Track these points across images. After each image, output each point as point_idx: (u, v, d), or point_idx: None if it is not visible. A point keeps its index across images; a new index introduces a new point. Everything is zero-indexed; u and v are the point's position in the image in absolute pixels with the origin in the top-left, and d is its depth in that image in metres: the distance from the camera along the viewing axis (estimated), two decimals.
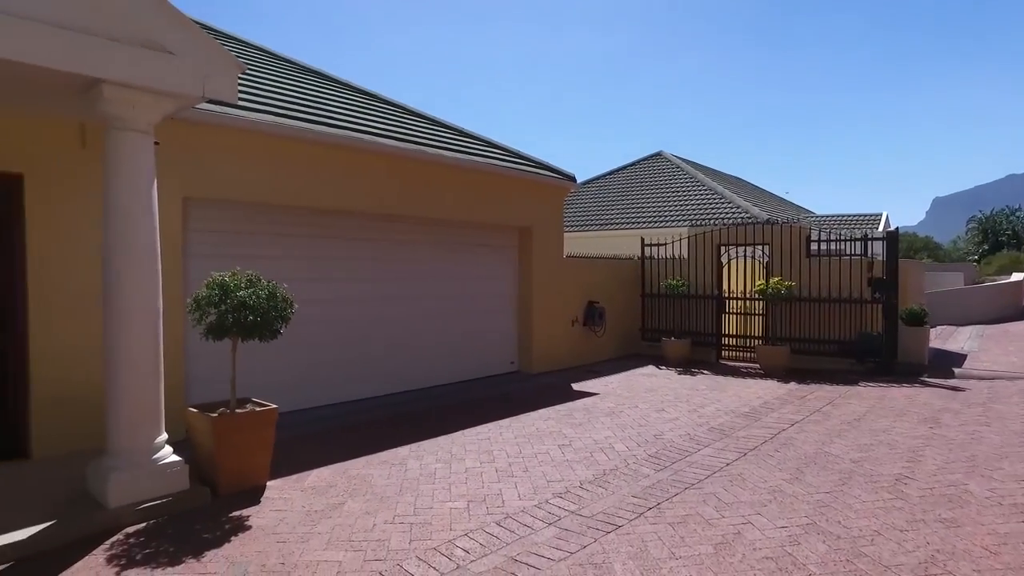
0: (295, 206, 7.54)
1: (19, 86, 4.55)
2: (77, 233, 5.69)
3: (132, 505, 4.47)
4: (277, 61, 10.55)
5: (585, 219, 19.57)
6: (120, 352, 4.60)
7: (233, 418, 5.05)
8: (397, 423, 7.33)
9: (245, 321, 4.92)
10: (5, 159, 5.41)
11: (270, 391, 7.05)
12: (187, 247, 6.64)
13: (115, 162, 4.58)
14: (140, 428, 4.66)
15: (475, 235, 10.06)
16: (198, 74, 4.70)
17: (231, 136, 6.77)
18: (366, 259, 8.49)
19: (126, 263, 4.60)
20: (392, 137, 8.57)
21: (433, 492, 5.12)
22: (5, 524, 4.17)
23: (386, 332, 8.72)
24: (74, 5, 4.14)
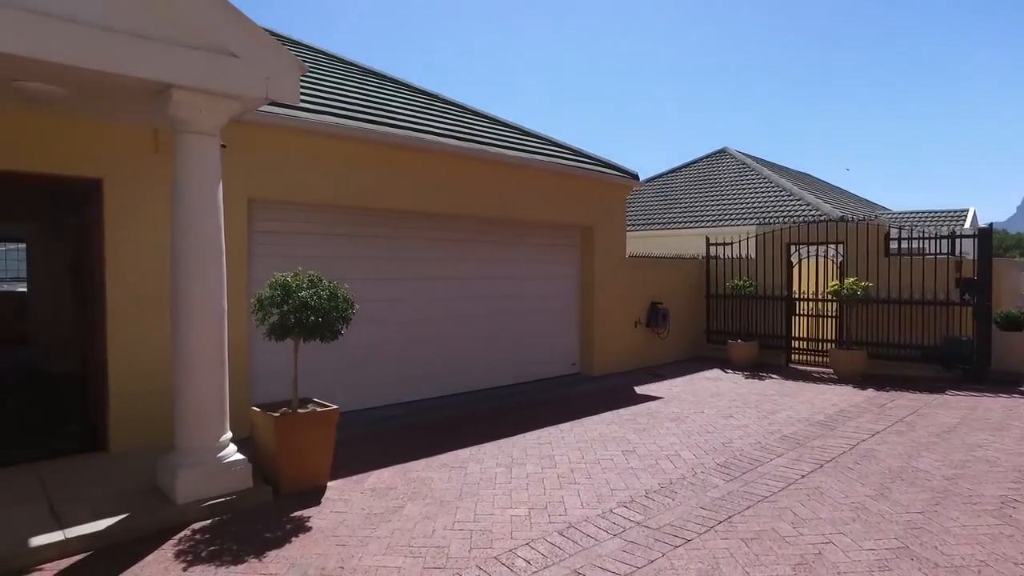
0: (357, 207, 7.59)
1: (98, 93, 4.69)
2: (150, 235, 5.86)
3: (198, 502, 4.54)
4: (339, 63, 10.70)
5: (648, 218, 19.14)
6: (186, 351, 4.68)
7: (295, 418, 5.08)
8: (458, 425, 7.26)
9: (306, 322, 4.93)
10: (87, 165, 5.61)
11: (332, 390, 7.13)
12: (251, 247, 6.76)
13: (183, 164, 4.67)
14: (205, 426, 4.73)
15: (536, 234, 9.93)
16: (261, 76, 4.74)
17: (295, 138, 6.86)
18: (427, 259, 8.48)
19: (192, 263, 4.68)
20: (453, 136, 8.52)
21: (493, 498, 5.01)
22: (84, 515, 4.31)
23: (447, 332, 8.69)
24: (147, 14, 4.23)
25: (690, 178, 20.92)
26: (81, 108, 5.11)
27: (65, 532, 4.08)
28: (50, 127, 5.39)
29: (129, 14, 4.18)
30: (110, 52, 4.09)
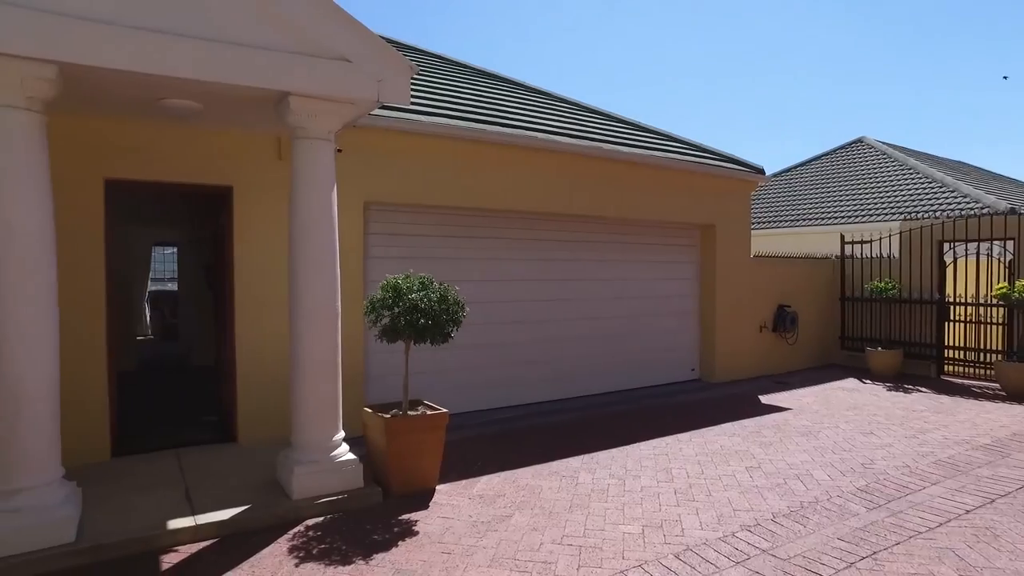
0: (470, 207, 7.58)
1: (227, 106, 4.95)
2: (272, 239, 6.13)
3: (312, 498, 4.65)
4: (450, 65, 10.83)
5: (775, 215, 17.93)
6: (302, 352, 4.81)
7: (404, 420, 5.09)
8: (569, 431, 7.05)
9: (416, 324, 4.93)
10: (219, 174, 5.97)
11: (443, 392, 7.17)
12: (367, 249, 6.92)
13: (299, 169, 4.80)
14: (319, 425, 4.85)
15: (653, 234, 9.50)
16: (373, 79, 4.77)
17: (409, 140, 6.95)
18: (539, 260, 8.33)
19: (307, 265, 4.80)
20: (566, 134, 8.33)
21: (605, 511, 4.75)
22: (213, 503, 4.55)
23: (559, 335, 8.50)
24: (268, 26, 4.38)
25: (821, 171, 19.37)
26: (213, 120, 5.43)
27: (196, 518, 4.31)
28: (188, 140, 5.78)
29: (253, 28, 4.34)
30: (238, 66, 4.27)
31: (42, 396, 3.95)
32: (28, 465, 3.89)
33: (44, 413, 3.96)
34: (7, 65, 3.73)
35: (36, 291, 3.92)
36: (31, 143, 3.93)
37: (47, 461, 4.00)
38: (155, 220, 10.86)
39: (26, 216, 3.89)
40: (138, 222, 10.54)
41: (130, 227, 10.48)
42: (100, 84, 4.35)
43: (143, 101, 4.81)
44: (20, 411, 3.86)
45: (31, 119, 3.93)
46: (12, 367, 3.83)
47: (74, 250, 5.31)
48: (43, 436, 3.96)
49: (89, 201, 5.44)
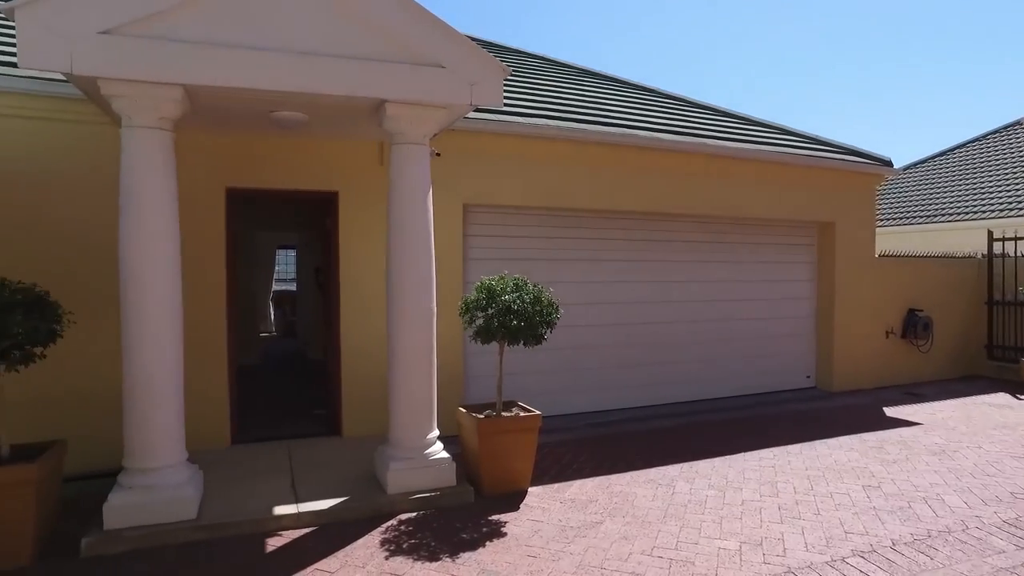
0: (570, 208, 7.52)
1: (330, 115, 5.20)
2: (373, 241, 6.37)
3: (406, 494, 4.78)
4: (550, 65, 10.79)
5: (905, 211, 16.41)
6: (399, 351, 4.96)
7: (497, 421, 5.12)
8: (668, 438, 6.81)
9: (510, 325, 4.94)
10: (326, 180, 6.31)
11: (538, 394, 7.17)
12: (467, 251, 7.04)
13: (396, 173, 4.95)
14: (414, 423, 4.97)
15: (765, 233, 8.98)
16: (466, 83, 4.84)
17: (507, 142, 6.99)
18: (639, 260, 8.12)
19: (403, 266, 4.94)
20: (669, 131, 8.06)
21: (701, 524, 4.53)
22: (315, 493, 4.79)
23: (659, 338, 8.24)
24: (366, 38, 4.56)
25: (964, 161, 17.48)
26: (318, 130, 5.73)
27: (299, 506, 4.56)
28: (298, 150, 6.14)
29: (352, 40, 4.53)
30: (338, 77, 4.48)
31: (169, 386, 4.33)
32: (158, 447, 4.29)
33: (171, 402, 4.35)
34: (143, 91, 4.13)
35: (164, 291, 4.31)
36: (162, 157, 4.32)
37: (174, 445, 4.38)
38: (277, 224, 11.67)
39: (158, 223, 4.28)
40: (262, 226, 11.39)
41: (255, 231, 11.36)
42: (219, 101, 4.71)
43: (256, 115, 5.16)
44: (152, 399, 4.25)
45: (163, 137, 4.33)
46: (144, 359, 4.23)
47: (199, 253, 5.79)
48: (170, 422, 4.34)
49: (212, 208, 5.92)
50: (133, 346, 4.23)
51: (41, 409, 5.19)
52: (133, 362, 4.23)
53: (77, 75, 4.02)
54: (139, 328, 4.23)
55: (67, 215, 5.42)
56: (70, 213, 5.42)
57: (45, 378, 5.03)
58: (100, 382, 5.32)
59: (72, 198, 5.43)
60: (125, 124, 4.25)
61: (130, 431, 4.26)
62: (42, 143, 5.40)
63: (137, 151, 4.23)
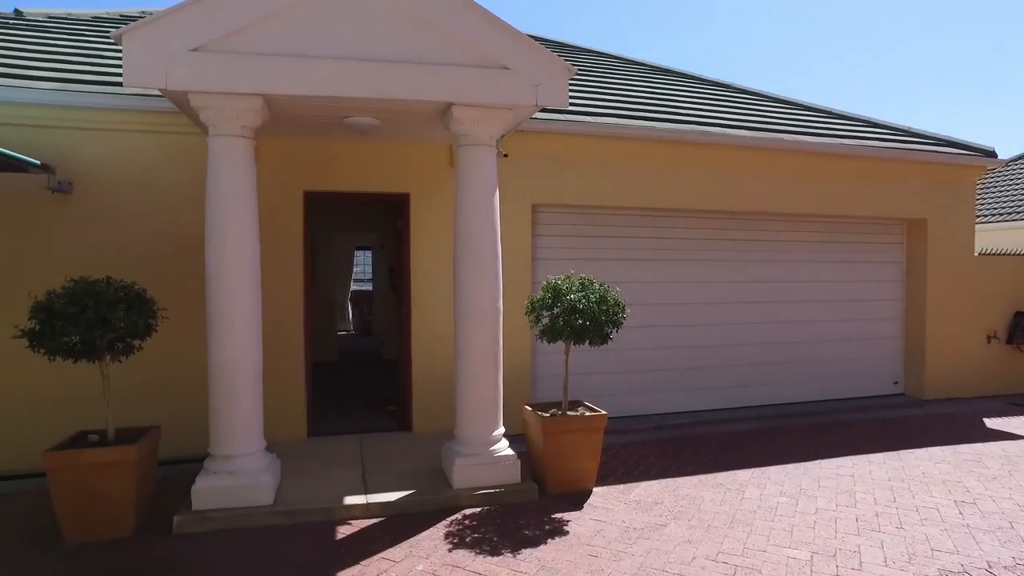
0: (640, 207, 7.43)
1: (399, 119, 5.38)
2: (442, 242, 6.51)
3: (471, 489, 4.87)
4: (617, 62, 10.68)
5: (1012, 206, 15.14)
6: (465, 350, 5.05)
7: (562, 421, 5.13)
8: (741, 442, 6.60)
9: (575, 325, 4.94)
10: (397, 182, 6.51)
11: (607, 394, 7.12)
12: (535, 251, 7.08)
13: (463, 174, 5.06)
14: (480, 420, 5.05)
15: (848, 231, 8.55)
16: (531, 84, 4.88)
17: (575, 142, 6.99)
18: (714, 261, 7.91)
19: (470, 266, 5.03)
20: (744, 127, 7.81)
21: (770, 531, 4.37)
22: (383, 485, 4.97)
23: (731, 339, 8.00)
24: (434, 43, 4.69)
25: None
26: (389, 133, 5.92)
27: (368, 497, 4.73)
28: (371, 154, 6.37)
29: (421, 46, 4.67)
30: (407, 82, 4.63)
31: (248, 381, 4.60)
32: (238, 437, 4.57)
33: (250, 395, 4.62)
34: (226, 102, 4.42)
35: (244, 290, 4.59)
36: (244, 163, 4.61)
37: (253, 435, 4.66)
38: (355, 226, 12.12)
39: (239, 225, 4.56)
40: (341, 228, 11.86)
41: (335, 233, 11.85)
42: (295, 109, 4.96)
43: (330, 121, 5.40)
44: (232, 393, 4.54)
45: (244, 144, 4.61)
46: (225, 355, 4.52)
47: (279, 255, 6.12)
48: (249, 414, 4.62)
49: (291, 211, 6.23)
50: (215, 343, 4.53)
51: (140, 398, 5.63)
52: (215, 357, 4.53)
53: (171, 90, 4.35)
54: (221, 326, 4.52)
55: (164, 218, 5.85)
56: (167, 217, 5.85)
57: (143, 369, 5.46)
58: (192, 373, 5.71)
59: (169, 203, 5.85)
60: (211, 133, 4.55)
61: (214, 421, 4.56)
62: (145, 154, 5.86)
63: (221, 157, 4.53)
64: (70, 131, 5.72)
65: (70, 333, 4.10)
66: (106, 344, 4.36)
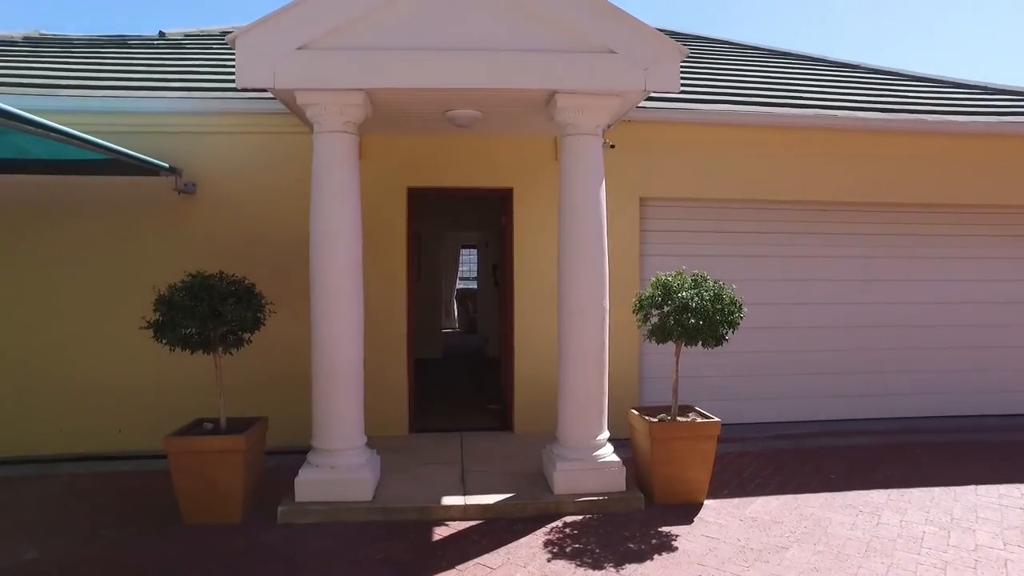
0: (757, 200, 6.87)
1: (500, 109, 5.24)
2: (546, 237, 6.31)
3: (572, 495, 4.63)
4: (730, 47, 10.01)
5: None
6: (569, 349, 4.82)
7: (671, 427, 4.77)
8: (873, 457, 5.92)
9: (686, 324, 4.58)
10: (500, 177, 6.39)
11: (720, 398, 6.64)
12: (643, 247, 6.72)
13: (567, 166, 4.82)
14: (583, 423, 4.80)
15: (1001, 223, 7.48)
16: (639, 68, 4.57)
17: (687, 131, 6.58)
18: (833, 256, 7.17)
19: (575, 262, 4.79)
20: (875, 108, 7.04)
21: (916, 566, 3.81)
22: (482, 486, 4.85)
23: (856, 343, 7.21)
24: (537, 28, 4.50)
25: None
26: (491, 126, 5.80)
27: (466, 499, 4.62)
28: (474, 148, 6.29)
29: (523, 33, 4.51)
30: (510, 71, 4.48)
31: (350, 376, 4.62)
32: (339, 432, 4.60)
33: (351, 391, 4.64)
34: (330, 98, 4.47)
35: (347, 285, 4.61)
36: (347, 159, 4.63)
37: (353, 430, 4.68)
38: (460, 224, 12.19)
39: (342, 221, 4.59)
40: (447, 226, 11.97)
41: (441, 231, 11.99)
42: (397, 103, 4.94)
43: (433, 115, 5.35)
44: (334, 388, 4.57)
45: (348, 140, 4.64)
46: (328, 351, 4.56)
47: (382, 251, 6.17)
48: (350, 409, 4.64)
49: (395, 208, 6.27)
50: (318, 337, 4.59)
51: (253, 389, 5.85)
52: (318, 352, 4.58)
53: (279, 88, 4.44)
54: (323, 321, 4.57)
55: (278, 215, 6.06)
56: (280, 214, 6.05)
57: (256, 361, 5.66)
58: (301, 367, 5.86)
59: (281, 201, 6.05)
60: (316, 130, 4.61)
61: (316, 415, 4.62)
62: (260, 154, 6.11)
63: (325, 153, 4.58)
64: (194, 135, 6.06)
65: (187, 325, 4.28)
66: (219, 336, 4.53)
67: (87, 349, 5.94)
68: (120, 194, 5.98)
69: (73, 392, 5.92)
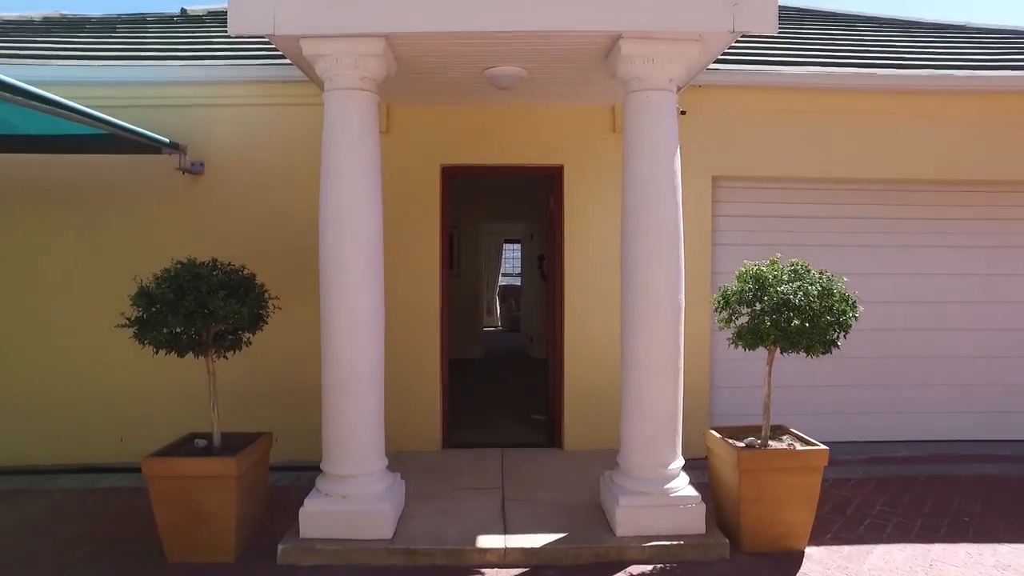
0: (846, 179, 5.79)
1: (550, 66, 4.35)
2: (604, 222, 5.41)
3: (639, 538, 3.70)
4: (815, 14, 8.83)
5: None
6: (634, 355, 3.89)
7: (766, 456, 3.79)
8: (1009, 491, 4.79)
9: (787, 326, 3.61)
10: (547, 152, 5.50)
11: (793, 412, 5.57)
12: (715, 235, 5.73)
13: (633, 130, 3.89)
14: (653, 448, 3.87)
15: None
16: (725, 3, 3.61)
17: (767, 98, 5.56)
18: (950, 247, 5.98)
19: (644, 249, 3.86)
20: (996, 66, 5.87)
21: None
22: (526, 522, 3.98)
23: (980, 349, 6.01)
24: None
25: None
26: (539, 91, 4.94)
27: (507, 539, 3.75)
28: (517, 120, 5.43)
29: None
30: (562, 9, 3.58)
31: (366, 388, 3.81)
32: (354, 454, 3.79)
33: (368, 405, 3.83)
34: (343, 47, 3.67)
35: (363, 275, 3.80)
36: (365, 122, 3.82)
37: (371, 451, 3.86)
38: (502, 215, 11.27)
39: (357, 198, 3.78)
40: (488, 218, 11.10)
41: (481, 222, 11.13)
42: (425, 57, 4.11)
43: (469, 76, 4.49)
44: (349, 400, 3.76)
45: (365, 100, 3.82)
46: (340, 353, 3.76)
47: (411, 239, 5.36)
48: (368, 426, 3.83)
49: (426, 188, 5.42)
50: (328, 339, 3.79)
51: (256, 398, 5.13)
52: (328, 357, 3.78)
53: (280, 36, 3.66)
54: (334, 318, 3.77)
55: (294, 199, 5.31)
56: (297, 197, 5.29)
57: (262, 365, 4.94)
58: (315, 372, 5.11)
59: (299, 182, 5.29)
60: (327, 88, 3.81)
61: (326, 434, 3.82)
62: (275, 129, 5.39)
63: (337, 115, 3.77)
64: (202, 109, 5.37)
65: (171, 323, 3.53)
66: (212, 337, 3.78)
67: (81, 351, 5.31)
68: (119, 176, 5.33)
69: (69, 398, 5.31)
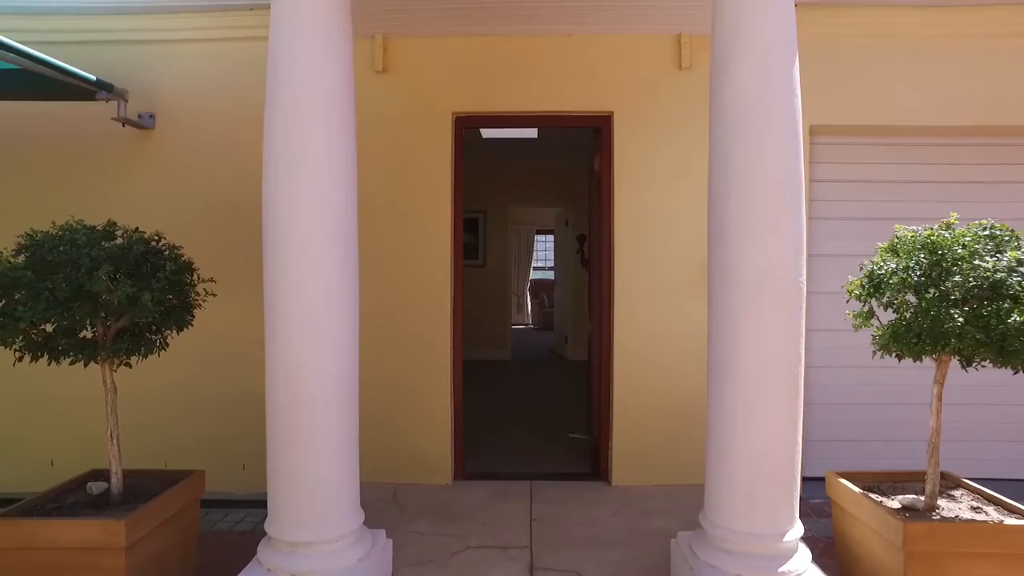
0: (988, 127, 4.37)
1: None
2: (662, 187, 4.12)
3: None
4: None
5: None
6: (729, 366, 2.56)
7: (953, 531, 2.43)
8: None
9: (997, 324, 2.25)
10: (592, 96, 4.20)
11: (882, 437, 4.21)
12: (811, 207, 4.36)
13: (727, 27, 2.57)
14: (757, 509, 2.53)
15: None
16: None
17: (880, 21, 4.17)
18: None
19: (747, 207, 2.54)
20: None
21: None
22: None
23: None
24: None
25: None
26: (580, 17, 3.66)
27: None
28: (553, 53, 4.15)
29: None
30: None
31: (335, 408, 2.58)
32: (313, 510, 2.55)
33: (337, 434, 2.59)
34: None
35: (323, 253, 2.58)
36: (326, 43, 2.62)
37: (338, 506, 2.61)
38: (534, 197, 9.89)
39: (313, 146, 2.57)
40: (518, 201, 9.76)
41: (511, 207, 9.79)
42: None
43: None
44: (305, 428, 2.53)
45: (326, 7, 2.58)
46: (289, 362, 2.52)
47: (413, 212, 4.09)
48: (332, 470, 2.59)
49: (434, 145, 4.14)
50: (275, 338, 2.55)
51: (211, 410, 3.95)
52: (275, 366, 2.54)
53: None
54: (279, 312, 2.53)
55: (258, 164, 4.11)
56: None
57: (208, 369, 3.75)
58: None
59: None
60: None
61: (271, 480, 2.58)
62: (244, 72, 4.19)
63: (287, 26, 2.55)
64: (150, 45, 4.21)
65: (32, 316, 2.33)
66: (113, 336, 2.58)
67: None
68: (40, 130, 4.20)
69: None
